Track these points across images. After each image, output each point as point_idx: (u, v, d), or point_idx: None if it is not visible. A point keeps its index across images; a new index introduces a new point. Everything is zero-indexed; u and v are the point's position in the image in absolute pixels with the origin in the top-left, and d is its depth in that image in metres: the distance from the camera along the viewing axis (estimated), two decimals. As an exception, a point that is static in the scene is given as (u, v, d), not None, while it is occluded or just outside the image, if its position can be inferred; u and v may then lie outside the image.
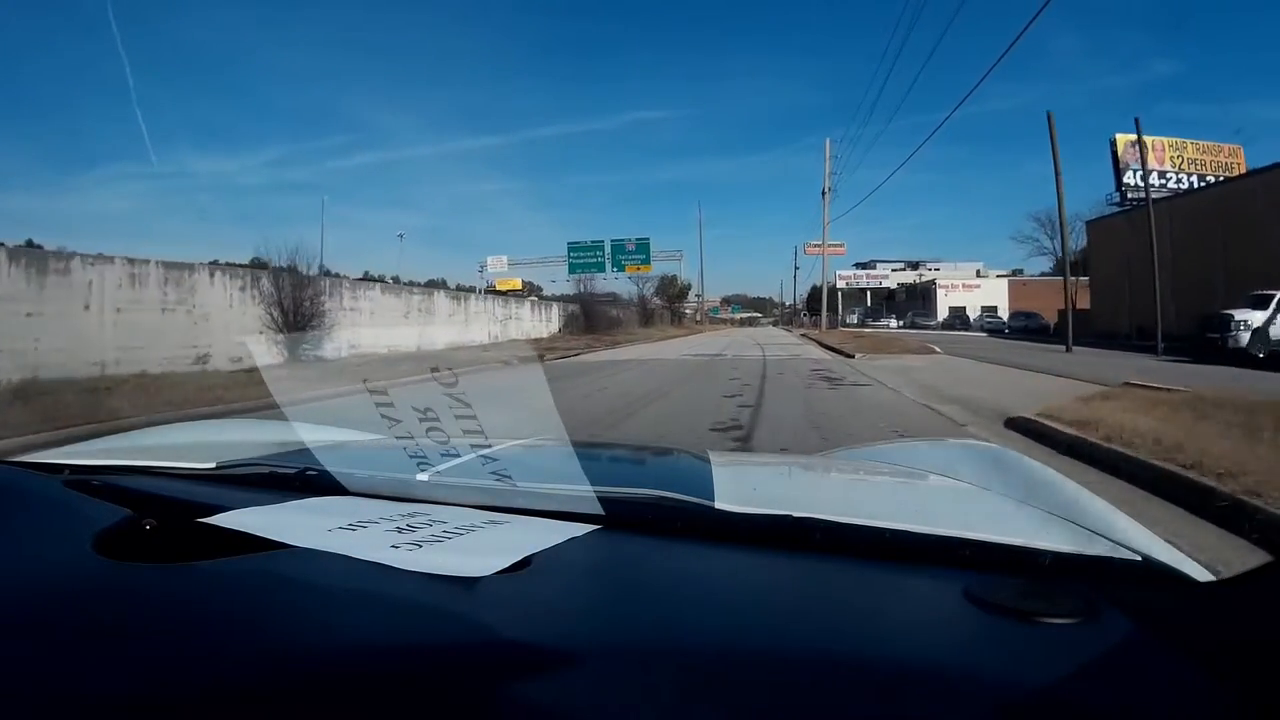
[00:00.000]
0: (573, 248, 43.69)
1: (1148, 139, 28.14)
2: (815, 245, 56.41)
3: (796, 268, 68.07)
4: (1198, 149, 29.27)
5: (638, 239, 44.20)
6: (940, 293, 50.97)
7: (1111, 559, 0.56)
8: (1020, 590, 0.50)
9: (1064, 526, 0.64)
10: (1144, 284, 19.60)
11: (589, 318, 30.95)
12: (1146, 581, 0.55)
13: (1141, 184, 27.79)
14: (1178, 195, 24.64)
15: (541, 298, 39.85)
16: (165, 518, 0.62)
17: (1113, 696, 0.40)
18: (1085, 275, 36.06)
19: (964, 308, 45.82)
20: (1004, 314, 41.73)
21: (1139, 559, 0.56)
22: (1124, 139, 29.06)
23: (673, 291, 52.78)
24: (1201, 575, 0.56)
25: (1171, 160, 29.35)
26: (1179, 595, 0.54)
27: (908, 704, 0.39)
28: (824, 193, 31.52)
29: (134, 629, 0.45)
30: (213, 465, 0.83)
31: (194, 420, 3.19)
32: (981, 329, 35.00)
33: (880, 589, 0.54)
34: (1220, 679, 0.41)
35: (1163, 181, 28.47)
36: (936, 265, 62.73)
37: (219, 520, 0.57)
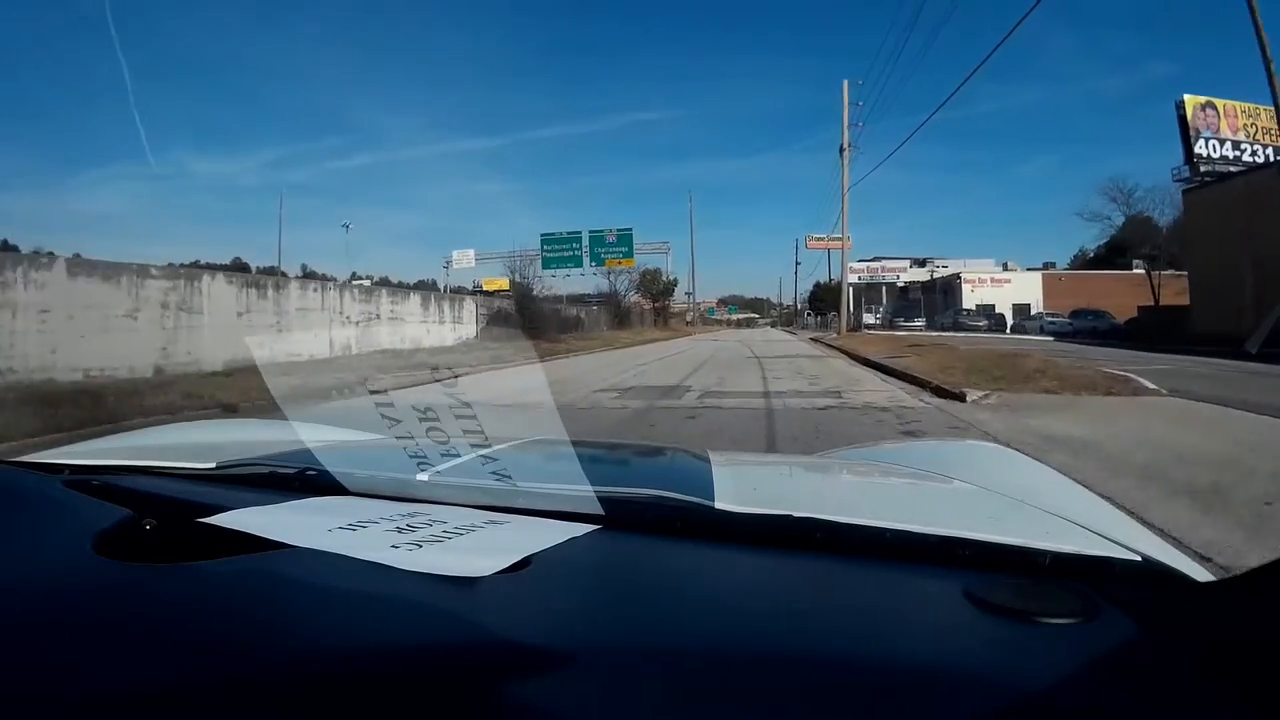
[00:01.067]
0: (547, 240, 37.27)
1: (1217, 102, 24.07)
2: (818, 239, 49.90)
3: (798, 262, 61.51)
4: (1270, 117, 23.50)
5: (619, 229, 37.96)
6: (966, 288, 42.88)
7: (1111, 559, 0.56)
8: (1020, 590, 0.50)
9: (1064, 526, 0.64)
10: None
11: (530, 318, 22.39)
12: (1146, 581, 0.55)
13: (1214, 154, 22.85)
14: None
15: (484, 294, 31.39)
16: (165, 518, 0.62)
17: (1113, 696, 0.40)
18: (1137, 261, 32.34)
19: (992, 305, 38.16)
20: (1037, 310, 35.16)
21: (1139, 559, 0.56)
22: (1194, 101, 24.14)
23: (655, 288, 45.11)
24: (1201, 575, 0.56)
25: (1245, 129, 24.58)
26: (1179, 595, 0.54)
27: (907, 704, 0.39)
28: (842, 150, 23.22)
29: (134, 629, 0.45)
30: (213, 465, 0.82)
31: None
32: (1041, 331, 27.75)
33: (880, 589, 0.54)
34: (1220, 679, 0.41)
35: (1236, 153, 23.97)
36: (944, 262, 55.61)
37: (219, 520, 0.57)
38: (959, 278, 44.13)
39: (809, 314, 60.73)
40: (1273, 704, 0.38)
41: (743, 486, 0.86)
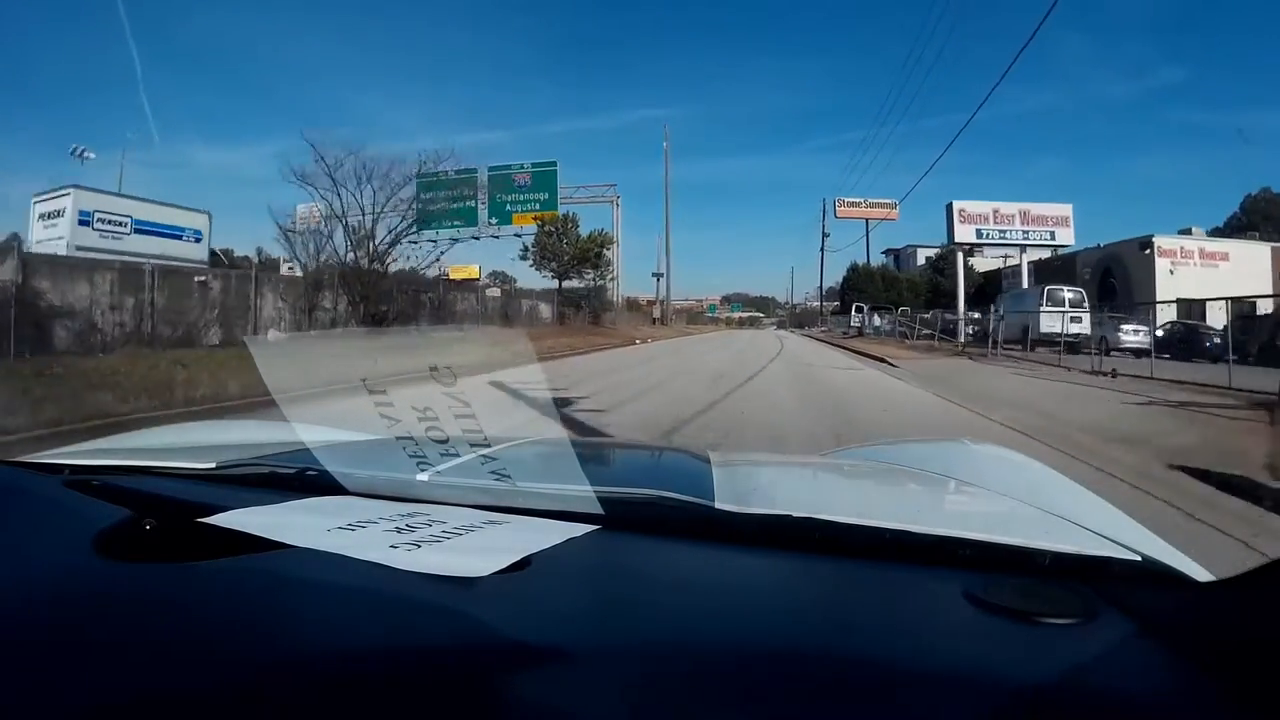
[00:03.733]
0: (426, 185, 21.22)
1: None
2: (853, 203, 34.84)
3: (826, 233, 40.78)
4: None
5: (536, 165, 24.66)
6: (1161, 265, 22.21)
7: (1111, 559, 0.56)
8: (1020, 590, 0.50)
9: (1064, 526, 0.64)
10: None
11: None
12: (1146, 581, 0.55)
13: None
14: None
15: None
16: (165, 518, 0.62)
17: (1112, 696, 0.40)
18: None
19: (1203, 300, 14.70)
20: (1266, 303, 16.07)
21: (1139, 559, 0.56)
22: None
23: (565, 252, 25.06)
24: (1201, 575, 0.56)
25: None
26: (1179, 595, 0.54)
27: (908, 704, 0.39)
28: None
29: (134, 629, 0.45)
30: (213, 465, 0.82)
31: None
32: None
33: (880, 589, 0.54)
34: (1220, 679, 0.41)
35: None
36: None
37: (219, 520, 0.57)
38: (1149, 248, 22.31)
39: (858, 312, 30.93)
40: (1273, 704, 0.38)
41: (742, 487, 0.86)
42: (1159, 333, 13.87)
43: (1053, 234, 25.98)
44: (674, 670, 0.41)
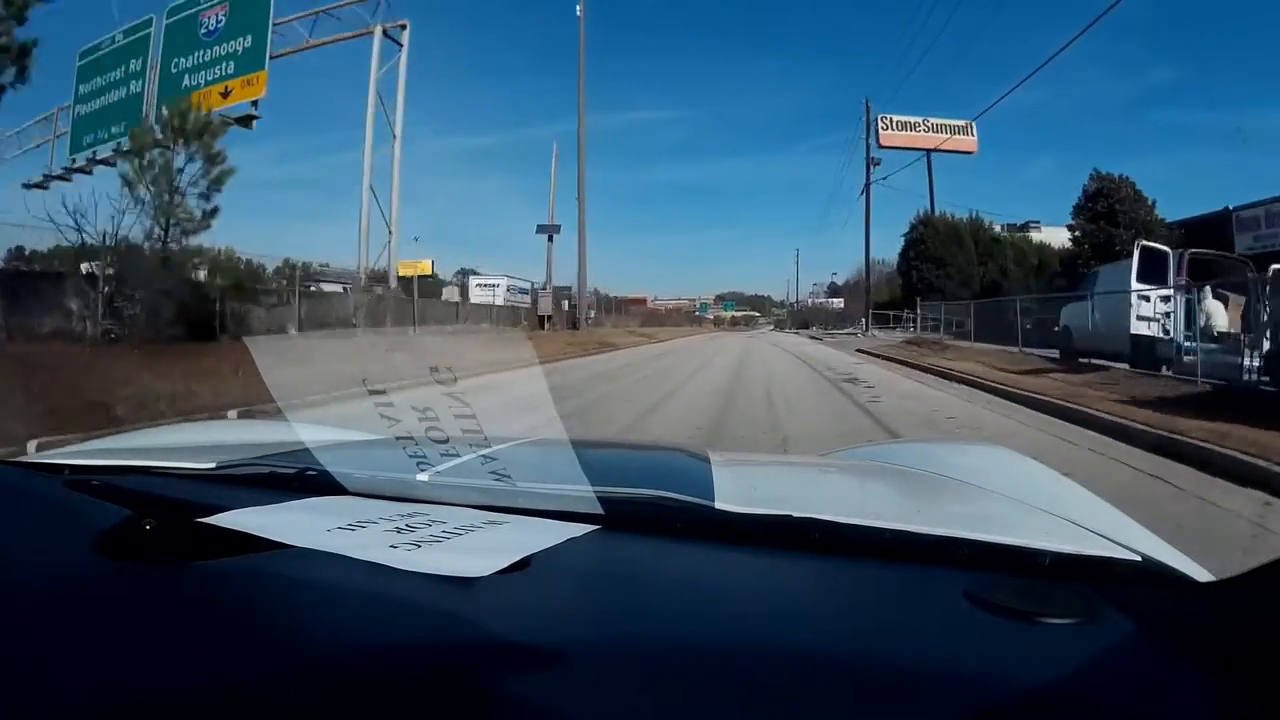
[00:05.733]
0: (87, 71, 12.95)
1: None
2: (908, 125, 23.16)
3: (875, 160, 25.63)
4: None
5: None
6: None
7: (1111, 559, 0.56)
8: (1020, 590, 0.50)
9: (1064, 526, 0.65)
10: None
11: None
12: (1146, 581, 0.55)
13: None
14: None
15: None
16: (165, 518, 0.62)
17: (1113, 697, 0.40)
18: None
19: None
20: None
21: (1139, 559, 0.56)
22: None
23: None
24: (1201, 575, 0.56)
25: None
26: (1179, 595, 0.54)
27: (908, 704, 0.39)
28: None
29: (134, 629, 0.45)
30: (213, 465, 0.82)
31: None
32: None
33: (880, 589, 0.54)
34: (1220, 679, 0.41)
35: None
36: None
37: (219, 520, 0.57)
38: None
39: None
40: (1273, 704, 0.38)
41: (742, 487, 0.86)
42: None
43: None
44: (674, 670, 0.41)
